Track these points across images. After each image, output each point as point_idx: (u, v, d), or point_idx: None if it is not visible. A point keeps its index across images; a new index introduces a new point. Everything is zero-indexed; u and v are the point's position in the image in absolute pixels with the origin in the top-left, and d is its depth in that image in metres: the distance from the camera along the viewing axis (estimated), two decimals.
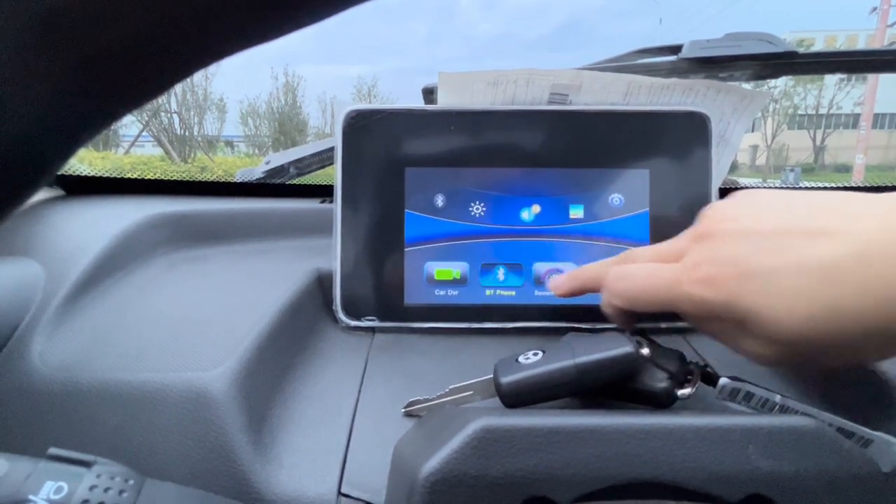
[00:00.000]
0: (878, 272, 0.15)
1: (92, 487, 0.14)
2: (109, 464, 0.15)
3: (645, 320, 0.31)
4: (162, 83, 0.09)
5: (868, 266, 0.16)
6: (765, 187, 0.51)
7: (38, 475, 0.14)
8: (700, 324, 0.21)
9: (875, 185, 0.50)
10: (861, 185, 0.52)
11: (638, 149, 0.32)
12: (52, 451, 0.15)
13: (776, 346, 0.18)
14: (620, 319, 0.23)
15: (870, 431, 0.19)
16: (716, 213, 0.20)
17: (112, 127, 0.10)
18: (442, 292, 0.32)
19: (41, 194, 0.42)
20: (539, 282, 0.32)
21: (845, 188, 0.50)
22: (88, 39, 0.08)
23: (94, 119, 0.09)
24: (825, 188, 0.51)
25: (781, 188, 0.51)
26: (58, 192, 0.44)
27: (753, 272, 0.17)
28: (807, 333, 0.17)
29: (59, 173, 0.34)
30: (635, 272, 0.21)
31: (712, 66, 0.44)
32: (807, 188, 0.50)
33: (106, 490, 0.14)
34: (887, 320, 0.15)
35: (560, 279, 0.26)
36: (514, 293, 0.32)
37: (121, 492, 0.14)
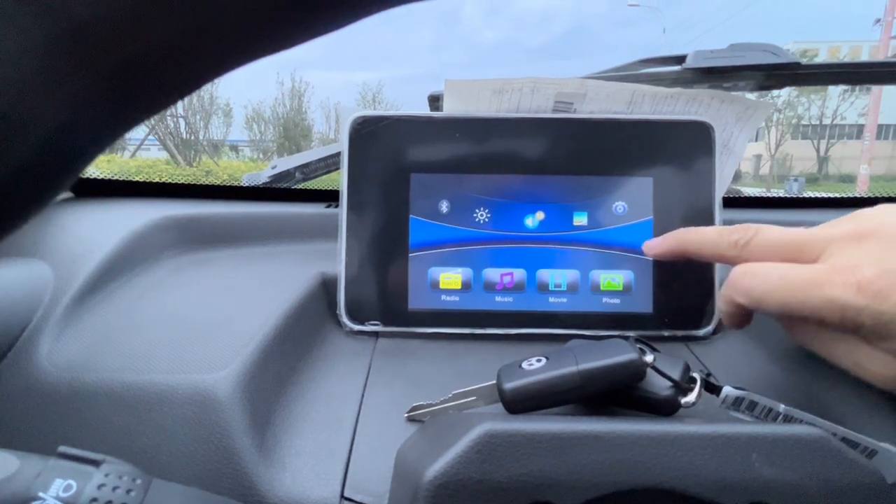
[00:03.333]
0: None
1: (100, 486, 0.14)
2: (118, 463, 0.15)
3: (646, 327, 0.32)
4: (183, 89, 0.09)
5: None
6: (771, 197, 0.51)
7: (47, 473, 0.14)
8: (810, 333, 0.18)
9: (883, 195, 0.50)
10: (866, 195, 0.52)
11: (642, 157, 0.33)
12: (62, 449, 0.15)
13: None
14: (734, 319, 0.21)
15: (874, 442, 0.19)
16: (880, 213, 0.18)
17: None
18: (446, 298, 0.32)
19: None
20: (543, 288, 0.32)
21: (852, 199, 0.50)
22: (115, 50, 0.08)
23: (116, 124, 0.09)
24: (830, 198, 0.51)
25: (787, 197, 0.51)
26: (66, 194, 0.44)
27: None
28: None
29: None
30: (766, 272, 0.19)
31: (716, 76, 0.44)
32: (811, 198, 0.50)
33: (114, 489, 0.14)
34: None
35: (655, 240, 0.24)
36: (517, 300, 0.32)
37: (129, 491, 0.14)
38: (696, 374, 0.22)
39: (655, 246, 0.24)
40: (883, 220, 0.18)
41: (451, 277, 0.32)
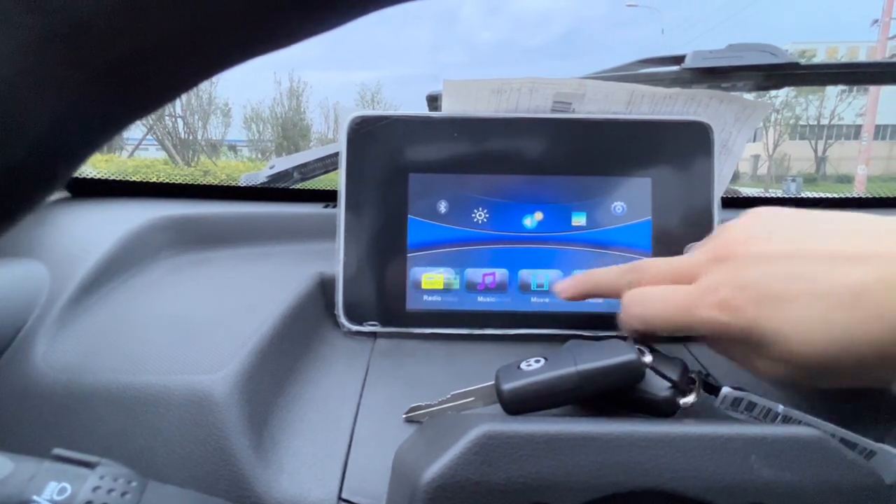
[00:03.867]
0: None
1: (95, 489, 0.14)
2: (113, 465, 0.15)
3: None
4: (178, 88, 0.09)
5: (890, 291, 0.15)
6: (769, 197, 0.51)
7: (41, 476, 0.14)
8: (714, 345, 0.21)
9: (878, 196, 0.50)
10: (864, 195, 0.52)
11: (640, 157, 0.33)
12: (56, 451, 0.15)
13: (791, 367, 0.18)
14: (644, 337, 0.23)
15: (873, 443, 0.19)
16: (734, 232, 0.20)
17: None
18: (444, 298, 0.32)
19: None
20: (541, 289, 0.32)
21: (849, 199, 0.50)
22: (109, 48, 0.08)
23: (110, 123, 0.09)
24: (829, 198, 0.51)
25: (786, 197, 0.51)
26: (63, 194, 0.44)
27: (773, 297, 0.17)
28: (823, 357, 0.17)
29: None
30: (650, 297, 0.21)
31: (715, 76, 0.44)
32: (810, 198, 0.50)
33: (109, 492, 0.14)
34: None
35: (566, 283, 0.26)
36: (515, 300, 0.32)
37: (124, 493, 0.14)
38: (694, 375, 0.22)
39: (567, 289, 0.25)
40: (736, 239, 0.19)
41: (450, 278, 0.32)
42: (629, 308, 0.22)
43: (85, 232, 0.35)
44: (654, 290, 0.21)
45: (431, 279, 0.32)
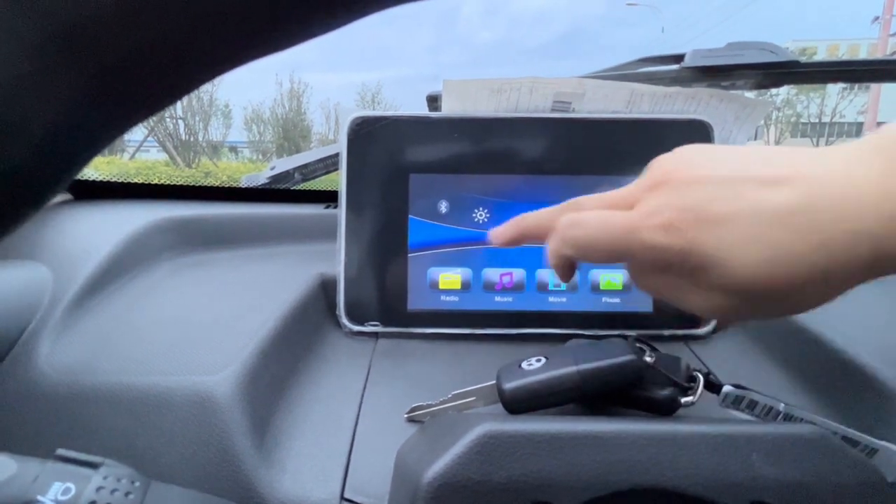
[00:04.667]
0: (822, 217, 0.16)
1: (99, 489, 0.14)
2: (116, 465, 0.15)
3: (646, 327, 0.32)
4: (177, 91, 0.09)
5: (816, 212, 0.16)
6: None
7: (46, 476, 0.14)
8: (646, 276, 0.20)
9: None
10: None
11: (640, 156, 0.32)
12: (60, 452, 0.15)
13: (727, 296, 0.18)
14: (564, 272, 0.22)
15: (875, 440, 0.19)
16: (668, 162, 0.20)
17: None
18: (445, 298, 0.32)
19: None
20: (542, 288, 0.32)
21: None
22: (107, 50, 0.08)
23: (110, 126, 0.09)
24: None
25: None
26: (65, 196, 0.44)
27: (712, 218, 0.17)
28: (760, 280, 0.17)
29: None
30: (588, 219, 0.20)
31: (715, 74, 0.44)
32: None
33: (112, 492, 0.14)
34: (827, 263, 0.16)
35: (499, 228, 0.24)
36: (516, 300, 0.32)
37: (127, 493, 0.14)
38: (696, 374, 0.22)
39: (500, 234, 0.24)
40: (672, 167, 0.20)
41: (450, 277, 0.32)
42: (564, 231, 0.21)
43: (87, 234, 0.35)
44: (591, 214, 0.21)
45: (449, 279, 0.32)
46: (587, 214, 0.21)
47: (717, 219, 0.17)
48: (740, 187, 0.17)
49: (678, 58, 0.45)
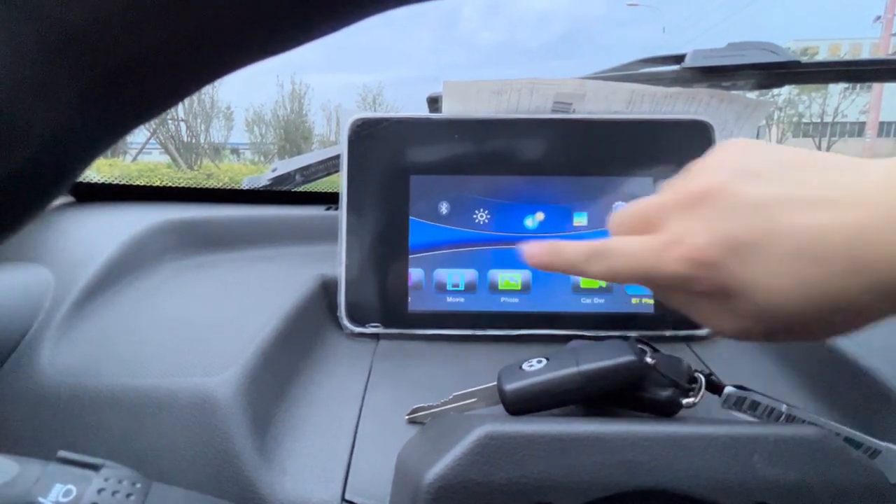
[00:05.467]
0: (868, 249, 0.15)
1: (100, 490, 0.14)
2: (117, 467, 0.15)
3: (647, 327, 0.31)
4: (178, 94, 0.09)
5: (859, 242, 0.15)
6: None
7: (47, 478, 0.14)
8: (669, 297, 0.19)
9: None
10: None
11: (641, 157, 0.33)
12: (62, 454, 0.15)
13: (757, 322, 0.17)
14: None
15: (877, 442, 0.19)
16: (710, 171, 0.18)
17: None
18: (446, 299, 0.32)
19: None
20: (547, 290, 0.32)
21: None
22: (107, 55, 0.08)
23: (111, 129, 0.09)
24: None
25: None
26: (67, 198, 0.44)
27: (743, 247, 0.16)
28: (795, 309, 0.16)
29: None
30: (610, 251, 0.20)
31: (715, 75, 0.44)
32: None
33: (114, 493, 0.14)
34: (860, 292, 0.15)
35: (537, 248, 0.22)
36: (517, 300, 0.32)
37: (128, 495, 0.14)
38: (697, 374, 0.22)
39: (535, 257, 0.22)
40: (713, 178, 0.18)
41: (456, 278, 0.32)
42: (588, 266, 0.20)
43: (89, 236, 0.35)
44: (614, 244, 0.20)
45: (455, 280, 0.32)
46: (610, 245, 0.20)
47: (748, 247, 0.16)
48: (775, 211, 0.16)
49: (679, 58, 0.45)
